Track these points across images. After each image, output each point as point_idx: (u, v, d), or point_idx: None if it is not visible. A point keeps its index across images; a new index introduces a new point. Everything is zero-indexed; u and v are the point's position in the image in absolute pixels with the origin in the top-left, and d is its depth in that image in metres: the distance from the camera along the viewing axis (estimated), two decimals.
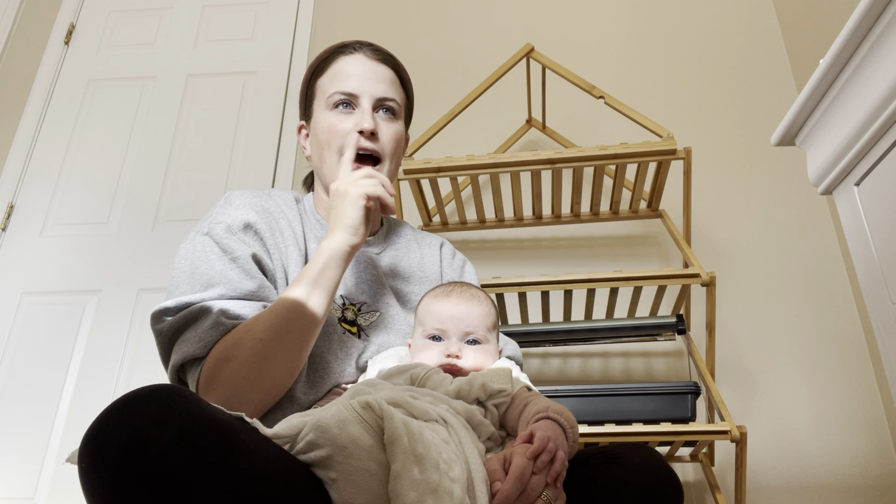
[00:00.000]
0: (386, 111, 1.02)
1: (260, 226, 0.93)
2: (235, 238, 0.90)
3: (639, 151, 1.43)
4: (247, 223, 0.92)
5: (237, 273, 0.88)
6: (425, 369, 0.83)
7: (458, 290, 0.94)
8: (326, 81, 1.02)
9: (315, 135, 1.03)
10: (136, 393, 0.58)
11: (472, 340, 0.90)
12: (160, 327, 0.86)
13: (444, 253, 1.14)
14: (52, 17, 2.49)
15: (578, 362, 1.76)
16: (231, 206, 0.95)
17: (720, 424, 1.23)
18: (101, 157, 2.23)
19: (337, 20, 2.35)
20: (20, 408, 1.90)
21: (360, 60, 1.02)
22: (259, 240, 0.93)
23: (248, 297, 0.87)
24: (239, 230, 0.91)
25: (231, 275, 0.87)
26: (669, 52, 2.10)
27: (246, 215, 0.93)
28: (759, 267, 1.78)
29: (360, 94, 1.00)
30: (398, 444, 0.62)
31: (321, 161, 1.01)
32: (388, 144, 1.01)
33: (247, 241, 0.91)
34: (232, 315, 0.84)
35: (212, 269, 0.87)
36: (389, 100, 1.02)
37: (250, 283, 0.88)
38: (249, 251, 0.90)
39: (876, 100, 0.83)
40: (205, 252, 0.89)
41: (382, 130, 1.00)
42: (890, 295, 0.87)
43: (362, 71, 1.01)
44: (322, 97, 1.02)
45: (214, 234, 0.91)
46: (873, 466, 1.54)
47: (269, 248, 0.94)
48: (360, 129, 0.97)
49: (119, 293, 2.02)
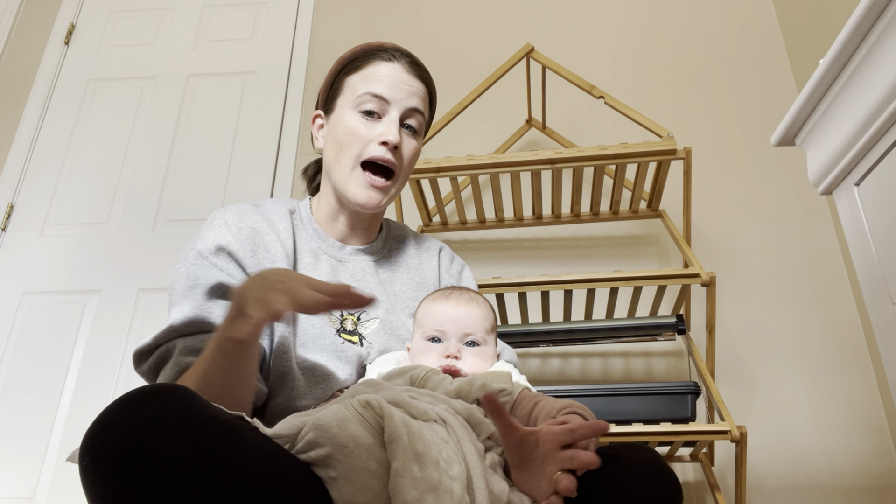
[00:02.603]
0: (410, 128, 1.01)
1: (234, 247, 0.92)
2: (206, 263, 0.91)
3: (639, 151, 1.43)
4: (219, 246, 0.92)
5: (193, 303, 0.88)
6: (425, 370, 0.84)
7: (458, 293, 0.95)
8: (358, 81, 1.00)
9: (333, 132, 1.01)
10: (137, 392, 0.58)
11: (471, 342, 0.90)
12: (141, 370, 0.89)
13: (442, 258, 1.14)
14: (52, 17, 2.49)
15: (578, 362, 1.76)
16: (209, 229, 0.95)
17: (720, 424, 1.23)
18: (101, 158, 2.23)
19: (337, 20, 2.35)
20: (20, 408, 1.90)
21: (397, 70, 1.00)
22: (233, 261, 0.92)
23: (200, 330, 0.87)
24: (210, 254, 0.91)
25: (186, 305, 0.88)
26: (669, 52, 2.10)
27: (219, 238, 0.93)
28: (759, 267, 1.79)
29: (392, 101, 0.98)
30: (398, 443, 0.62)
31: (335, 160, 1.00)
32: (407, 160, 1.01)
33: (219, 264, 0.91)
34: (189, 350, 0.85)
35: (178, 295, 0.89)
36: (418, 113, 1.01)
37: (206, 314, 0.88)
38: (214, 279, 0.90)
39: (876, 100, 0.83)
40: (179, 277, 0.92)
41: (404, 146, 1.00)
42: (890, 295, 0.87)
43: (398, 80, 0.99)
44: (350, 95, 1.00)
45: (187, 260, 0.92)
46: (873, 466, 1.54)
47: (246, 269, 0.93)
48: (386, 139, 0.96)
49: (119, 293, 2.02)
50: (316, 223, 1.04)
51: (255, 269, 0.93)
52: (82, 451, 0.56)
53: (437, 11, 2.30)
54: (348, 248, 1.04)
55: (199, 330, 0.87)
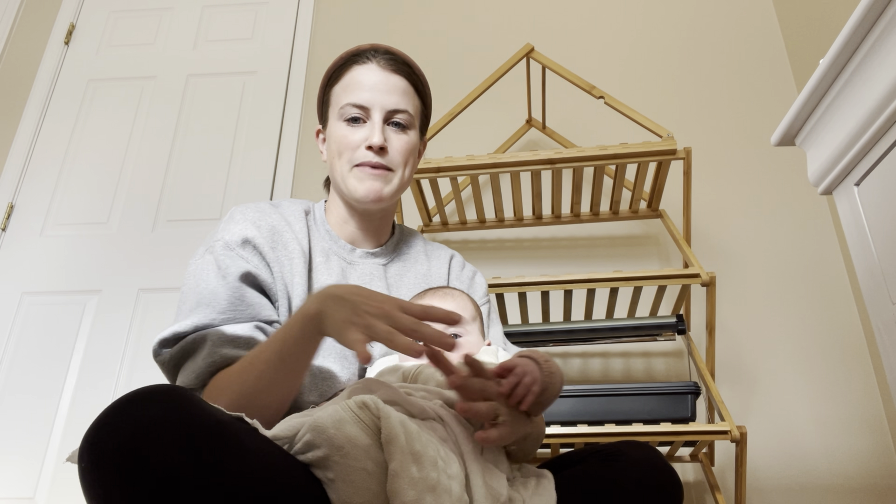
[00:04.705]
0: (396, 124, 1.01)
1: (259, 241, 0.94)
2: (233, 254, 0.92)
3: (639, 151, 1.43)
4: (245, 239, 0.93)
5: (228, 292, 0.89)
6: (416, 365, 0.85)
7: (432, 290, 1.00)
8: (340, 91, 1.02)
9: (329, 143, 1.04)
10: (137, 393, 0.58)
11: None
12: (161, 359, 0.89)
13: (453, 265, 1.14)
14: (52, 17, 2.49)
15: (578, 362, 1.76)
16: (232, 223, 0.96)
17: (720, 424, 1.23)
18: (101, 158, 2.23)
19: (337, 20, 2.35)
20: (20, 408, 1.90)
21: (373, 71, 1.01)
22: (258, 254, 0.94)
23: (237, 319, 0.88)
24: (237, 246, 0.93)
25: (221, 293, 0.88)
26: (669, 51, 2.10)
27: (245, 231, 0.94)
28: (759, 267, 1.78)
29: (371, 106, 0.99)
30: (395, 443, 0.62)
31: (333, 169, 1.03)
32: (398, 156, 1.01)
33: (245, 256, 0.92)
34: (227, 339, 0.85)
35: (207, 287, 0.89)
36: (401, 112, 1.01)
37: (240, 302, 0.89)
38: (243, 269, 0.91)
39: (876, 100, 0.83)
40: (205, 270, 0.91)
41: (392, 143, 1.00)
42: (890, 295, 0.87)
43: (375, 82, 1.00)
44: (336, 107, 1.02)
45: (214, 251, 0.92)
46: (873, 466, 1.54)
47: (269, 263, 0.94)
48: (370, 144, 0.98)
49: (119, 293, 2.02)
50: (329, 225, 1.06)
51: (276, 266, 0.94)
52: (82, 453, 0.56)
53: (437, 11, 2.30)
54: (358, 251, 1.05)
55: (238, 317, 0.87)
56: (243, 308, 0.88)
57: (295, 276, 0.95)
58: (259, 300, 0.91)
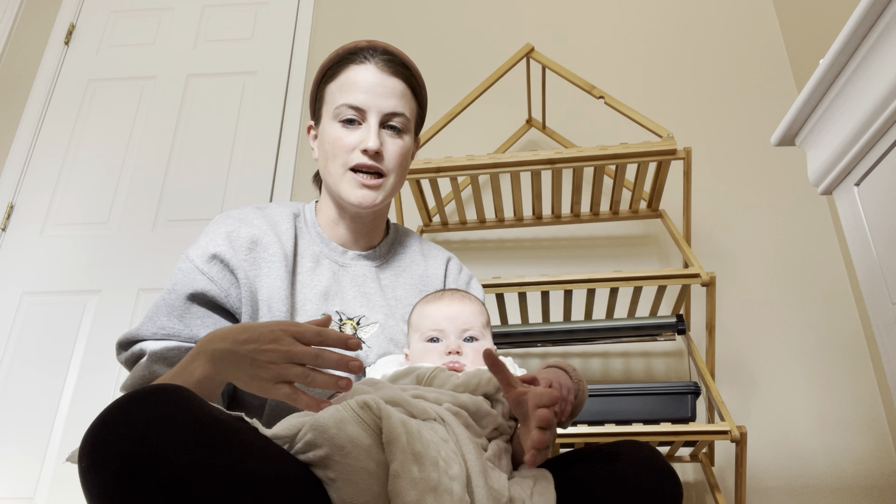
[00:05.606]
0: (392, 128, 1.00)
1: (227, 254, 0.94)
2: (194, 271, 0.93)
3: (639, 151, 1.43)
4: (213, 255, 0.94)
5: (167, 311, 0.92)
6: (430, 368, 0.84)
7: (450, 292, 0.97)
8: (335, 90, 1.00)
9: (322, 142, 1.02)
10: (137, 393, 0.58)
11: (470, 338, 0.91)
12: (119, 359, 0.93)
13: (450, 268, 1.13)
14: (52, 17, 2.49)
15: (578, 362, 1.76)
16: (207, 235, 0.97)
17: (720, 424, 1.23)
18: (100, 157, 2.23)
19: (337, 20, 2.35)
20: (20, 408, 1.90)
21: (370, 72, 0.98)
22: (225, 268, 0.94)
23: (170, 337, 0.90)
24: (203, 262, 0.93)
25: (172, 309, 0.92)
26: (669, 52, 2.10)
27: (215, 246, 0.94)
28: (759, 267, 1.78)
29: (368, 109, 0.97)
30: (397, 444, 0.62)
31: (326, 169, 1.01)
32: (393, 160, 0.99)
33: (209, 272, 0.93)
34: (160, 356, 0.88)
35: (164, 299, 0.93)
36: (398, 116, 0.99)
37: (178, 323, 0.91)
38: (198, 288, 0.92)
39: (876, 100, 0.83)
40: (171, 280, 0.95)
41: (388, 147, 0.99)
42: (890, 295, 0.87)
43: (372, 84, 0.98)
44: (330, 106, 1.00)
45: (182, 265, 0.95)
46: (873, 466, 1.54)
47: (235, 271, 0.94)
48: (365, 147, 0.96)
49: (119, 293, 2.02)
50: (320, 227, 1.05)
51: (242, 272, 0.94)
52: (82, 453, 0.56)
53: (438, 11, 2.30)
54: (350, 254, 1.04)
55: (177, 335, 0.91)
56: (181, 328, 0.91)
57: (266, 277, 0.95)
58: (205, 320, 0.92)
